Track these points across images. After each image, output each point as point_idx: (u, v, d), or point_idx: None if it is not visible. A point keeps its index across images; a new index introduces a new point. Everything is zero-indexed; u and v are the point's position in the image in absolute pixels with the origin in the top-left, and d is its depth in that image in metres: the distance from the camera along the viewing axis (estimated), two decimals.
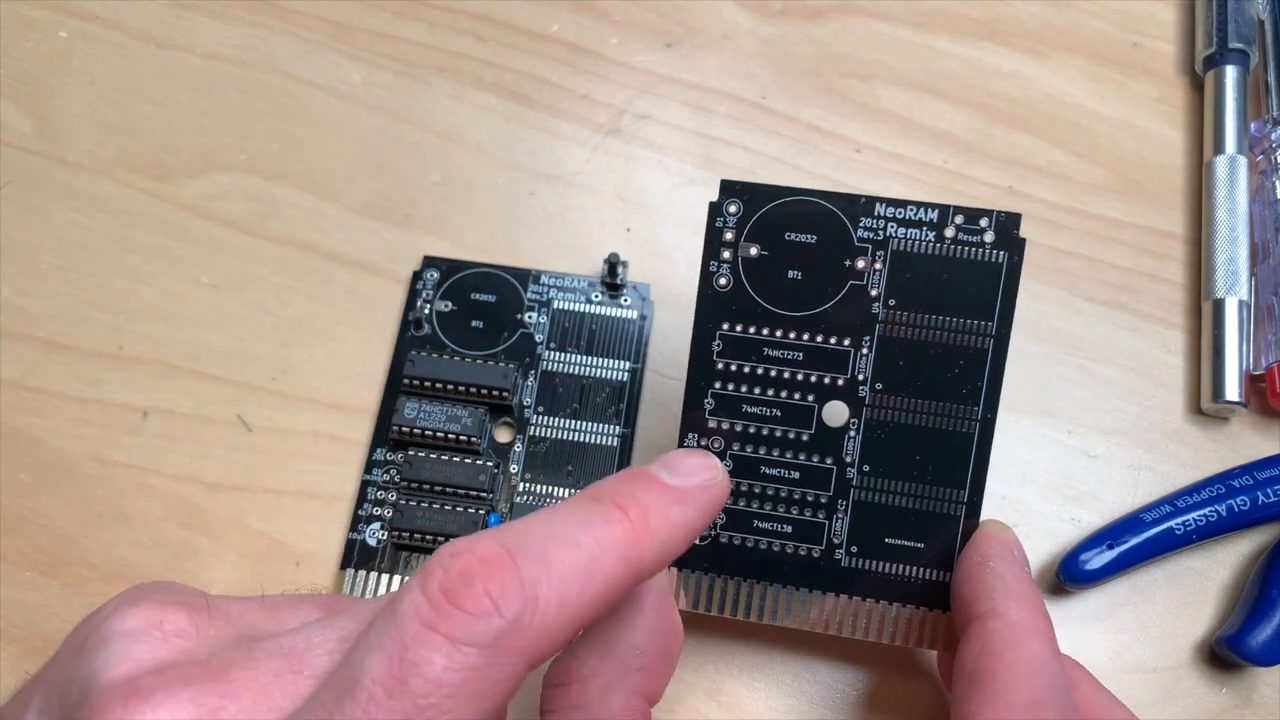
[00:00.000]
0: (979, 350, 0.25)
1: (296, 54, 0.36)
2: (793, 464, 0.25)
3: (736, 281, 0.25)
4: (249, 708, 0.17)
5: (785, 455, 0.25)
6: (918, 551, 0.25)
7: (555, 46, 0.36)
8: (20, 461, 0.31)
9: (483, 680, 0.17)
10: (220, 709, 0.17)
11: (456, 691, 0.16)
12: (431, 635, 0.16)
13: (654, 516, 0.20)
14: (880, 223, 0.25)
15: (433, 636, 0.16)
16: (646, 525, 0.20)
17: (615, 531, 0.19)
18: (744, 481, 0.26)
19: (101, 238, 0.33)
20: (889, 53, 0.37)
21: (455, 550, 0.17)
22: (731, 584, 0.26)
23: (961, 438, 0.25)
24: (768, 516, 0.26)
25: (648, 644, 0.22)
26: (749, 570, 0.26)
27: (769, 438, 0.25)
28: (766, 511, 0.26)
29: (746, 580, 0.26)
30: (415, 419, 0.30)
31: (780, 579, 0.26)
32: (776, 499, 0.26)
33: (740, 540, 0.26)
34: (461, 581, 0.17)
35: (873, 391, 0.25)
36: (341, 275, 0.33)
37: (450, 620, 0.17)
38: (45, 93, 0.36)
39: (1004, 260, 0.24)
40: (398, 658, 0.16)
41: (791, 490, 0.26)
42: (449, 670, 0.16)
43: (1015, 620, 0.23)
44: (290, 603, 0.21)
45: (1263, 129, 0.34)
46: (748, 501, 0.26)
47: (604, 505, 0.20)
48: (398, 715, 0.16)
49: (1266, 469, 0.29)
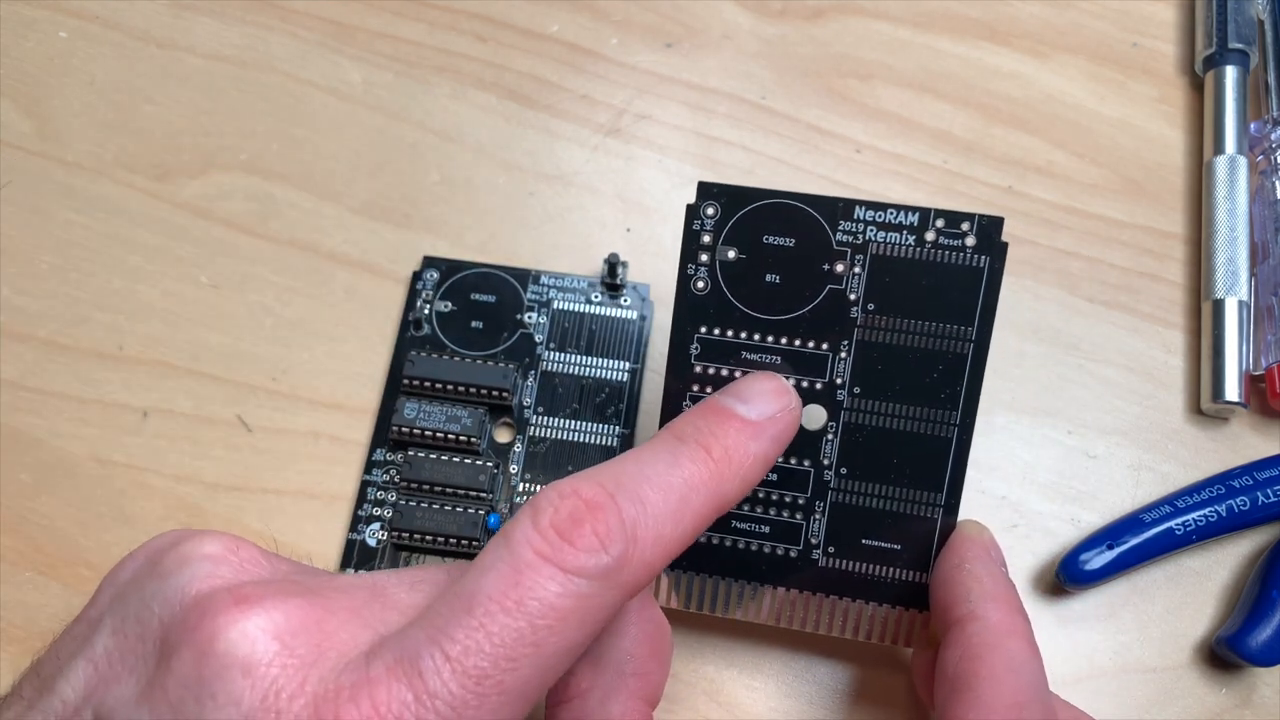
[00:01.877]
0: (958, 355, 0.25)
1: (296, 54, 0.36)
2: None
3: (714, 285, 0.25)
4: (346, 623, 0.18)
5: None
6: (895, 553, 0.25)
7: (555, 46, 0.36)
8: (20, 461, 0.31)
9: (589, 607, 0.18)
10: (323, 620, 0.18)
11: (567, 616, 0.18)
12: (546, 565, 0.18)
13: (735, 454, 0.21)
14: (860, 226, 0.24)
15: (547, 566, 0.18)
16: (728, 462, 0.21)
17: (701, 471, 0.21)
18: None
19: (101, 238, 0.33)
20: (889, 53, 0.37)
21: (562, 492, 0.19)
22: (710, 582, 0.26)
23: (939, 442, 0.25)
24: (745, 517, 0.26)
25: (637, 648, 0.22)
26: (727, 569, 0.26)
27: None
28: (744, 512, 0.26)
29: (725, 579, 0.26)
30: (415, 419, 0.30)
31: (758, 578, 0.26)
32: (754, 500, 0.26)
33: (719, 540, 0.26)
34: (571, 521, 0.18)
35: (851, 395, 0.25)
36: (341, 275, 0.33)
37: (563, 553, 0.18)
38: (45, 93, 0.36)
39: (985, 265, 0.24)
40: (514, 580, 0.18)
41: (769, 491, 0.26)
42: (561, 596, 0.18)
43: (994, 623, 0.23)
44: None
45: (1263, 129, 0.34)
46: None
47: (689, 446, 0.21)
48: (511, 631, 0.17)
49: (1266, 469, 0.29)
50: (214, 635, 0.17)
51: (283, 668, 0.17)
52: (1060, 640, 0.29)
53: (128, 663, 0.18)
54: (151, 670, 0.18)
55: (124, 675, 0.18)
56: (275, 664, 0.17)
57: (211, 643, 0.17)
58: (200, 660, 0.17)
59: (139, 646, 0.18)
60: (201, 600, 0.18)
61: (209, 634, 0.17)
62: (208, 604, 0.18)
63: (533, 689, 0.18)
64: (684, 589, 0.26)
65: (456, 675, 0.17)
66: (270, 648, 0.17)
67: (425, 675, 0.17)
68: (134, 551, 0.21)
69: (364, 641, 0.18)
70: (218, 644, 0.17)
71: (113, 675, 0.18)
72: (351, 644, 0.18)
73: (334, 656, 0.18)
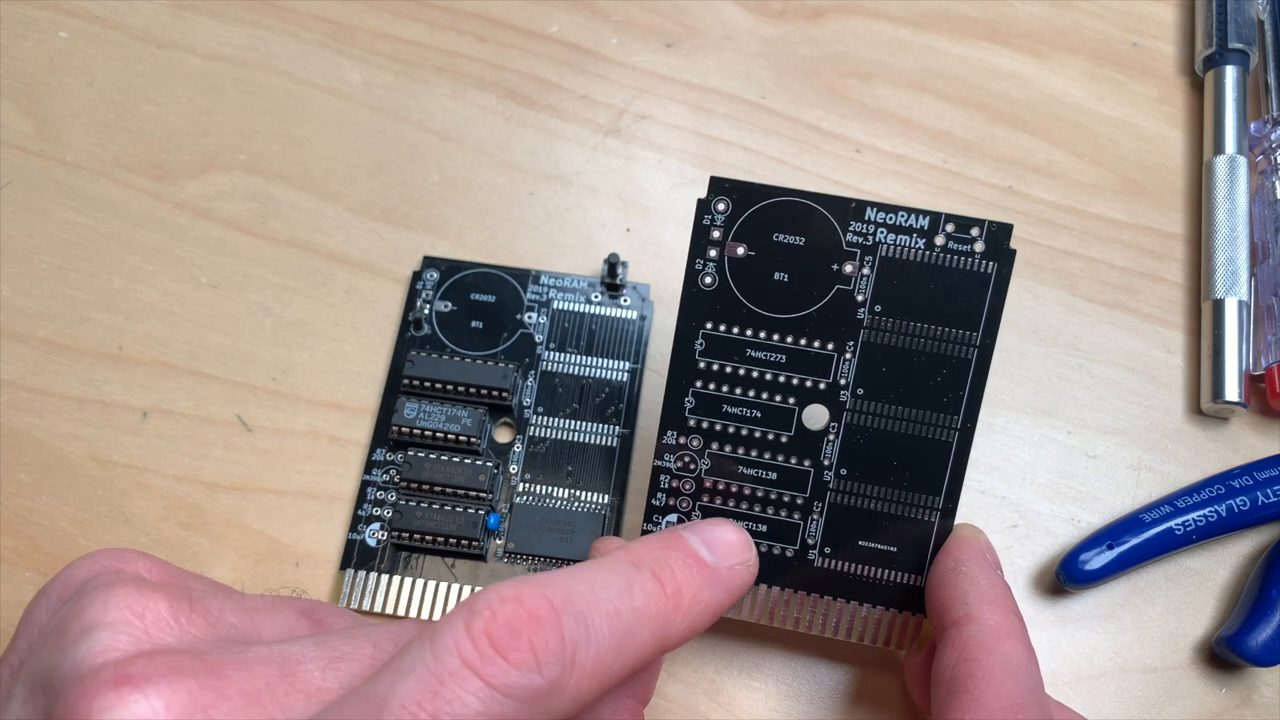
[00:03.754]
0: (963, 360, 0.25)
1: (296, 54, 0.36)
2: (771, 465, 0.25)
3: (722, 281, 0.25)
4: (240, 709, 0.17)
5: (764, 456, 0.25)
6: (891, 555, 0.25)
7: (555, 46, 0.36)
8: (20, 461, 0.31)
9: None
10: (212, 706, 0.17)
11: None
12: (471, 677, 0.17)
13: (688, 595, 0.21)
14: (870, 227, 0.24)
15: (472, 678, 0.17)
16: (680, 603, 0.20)
17: (652, 606, 0.20)
18: (721, 481, 0.26)
19: (101, 238, 0.33)
20: (889, 53, 0.37)
21: (503, 595, 0.17)
22: None
23: (940, 445, 0.25)
24: (744, 516, 0.26)
25: None
26: None
27: (748, 438, 0.25)
28: (743, 511, 0.26)
29: None
30: (415, 419, 0.30)
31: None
32: (753, 499, 0.26)
33: None
34: (508, 630, 0.17)
35: (854, 396, 0.25)
36: (341, 275, 0.33)
37: (492, 666, 0.17)
38: (45, 93, 0.36)
39: (993, 271, 0.24)
40: (433, 690, 0.16)
41: (768, 491, 0.26)
42: (482, 715, 0.16)
43: (990, 625, 0.23)
44: (269, 605, 0.21)
45: (1263, 129, 0.34)
46: (724, 501, 0.26)
47: (643, 574, 0.20)
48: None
49: (1266, 469, 0.29)
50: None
51: None
52: (1060, 640, 0.29)
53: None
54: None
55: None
56: None
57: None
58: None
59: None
60: (86, 678, 0.17)
61: (85, 718, 0.16)
62: (90, 683, 0.17)
63: None
64: None
65: None
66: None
67: None
68: (47, 587, 0.21)
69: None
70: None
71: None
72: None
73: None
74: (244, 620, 0.20)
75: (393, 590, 0.29)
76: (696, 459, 0.26)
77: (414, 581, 0.29)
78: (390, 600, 0.29)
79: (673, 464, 0.26)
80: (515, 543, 0.29)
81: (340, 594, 0.29)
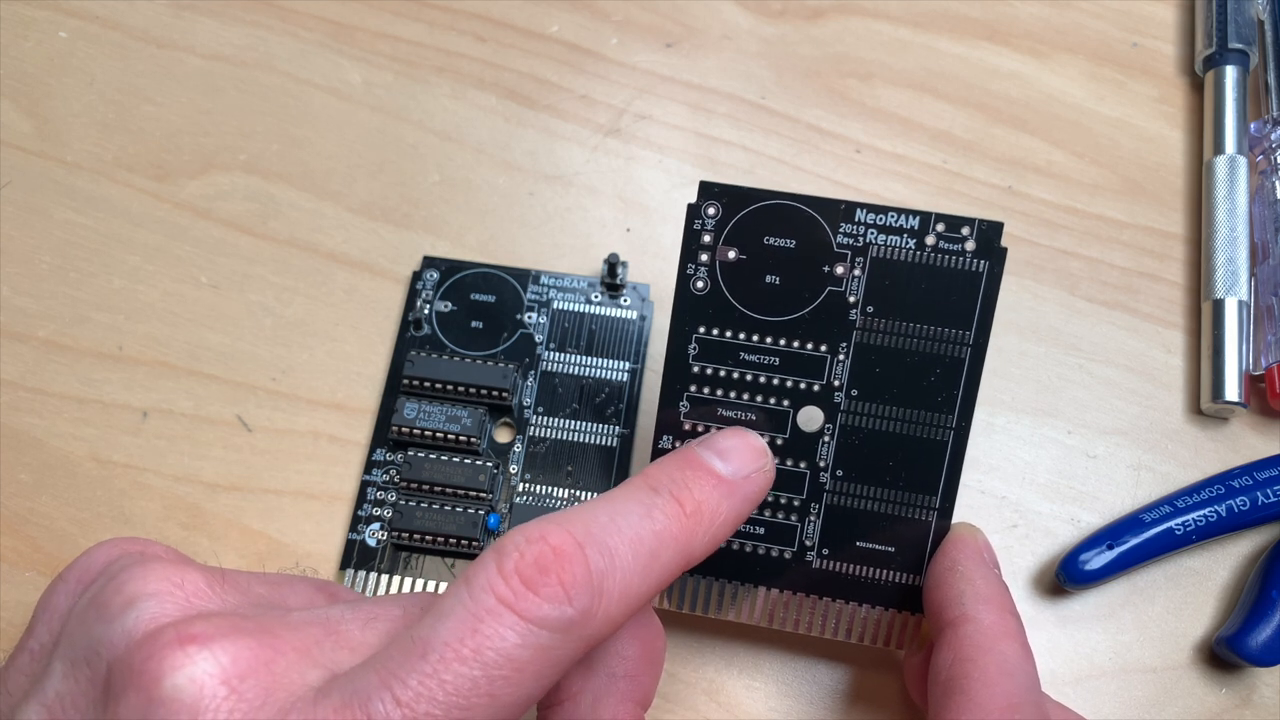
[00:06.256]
0: (956, 359, 0.25)
1: (296, 54, 0.36)
2: None
3: (714, 285, 0.25)
4: (295, 664, 0.18)
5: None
6: (889, 555, 0.25)
7: (555, 46, 0.36)
8: (20, 461, 0.31)
9: (548, 660, 0.18)
10: (272, 661, 0.18)
11: (524, 667, 0.17)
12: (507, 613, 0.17)
13: (707, 510, 0.21)
14: (860, 229, 0.25)
15: (508, 614, 0.17)
16: (700, 519, 0.21)
17: (673, 526, 0.20)
18: None
19: (101, 238, 0.33)
20: (889, 53, 0.37)
21: (529, 536, 0.18)
22: (703, 583, 0.26)
23: (935, 445, 0.25)
24: None
25: (630, 651, 0.22)
26: (721, 570, 0.26)
27: None
28: None
29: (718, 579, 0.26)
30: (415, 419, 0.30)
31: (751, 579, 0.26)
32: None
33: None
34: (537, 569, 0.18)
35: (848, 397, 0.25)
36: (341, 275, 0.33)
37: (526, 602, 0.18)
38: (45, 93, 0.36)
39: (984, 270, 0.24)
40: (473, 627, 0.17)
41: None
42: (520, 648, 0.17)
43: (986, 625, 0.23)
44: (289, 580, 0.22)
45: (1263, 129, 0.34)
46: None
47: (662, 497, 0.21)
48: (465, 680, 0.17)
49: (1266, 469, 0.29)
50: (159, 679, 0.17)
51: (229, 714, 0.17)
52: (1060, 640, 0.29)
53: (79, 707, 0.18)
54: (101, 715, 0.18)
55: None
56: (222, 710, 0.17)
57: (157, 686, 0.17)
58: (146, 705, 0.17)
59: (90, 691, 0.18)
60: (146, 641, 0.18)
61: (154, 677, 0.17)
62: (152, 645, 0.17)
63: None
64: (677, 590, 0.26)
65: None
66: (218, 692, 0.17)
67: (375, 718, 0.17)
68: (64, 573, 0.21)
69: (314, 681, 0.18)
70: (164, 688, 0.17)
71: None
72: (301, 684, 0.17)
73: (282, 698, 0.17)
74: (271, 591, 0.21)
75: (393, 590, 0.29)
76: None
77: (414, 582, 0.29)
78: None
79: None
80: None
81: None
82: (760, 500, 0.23)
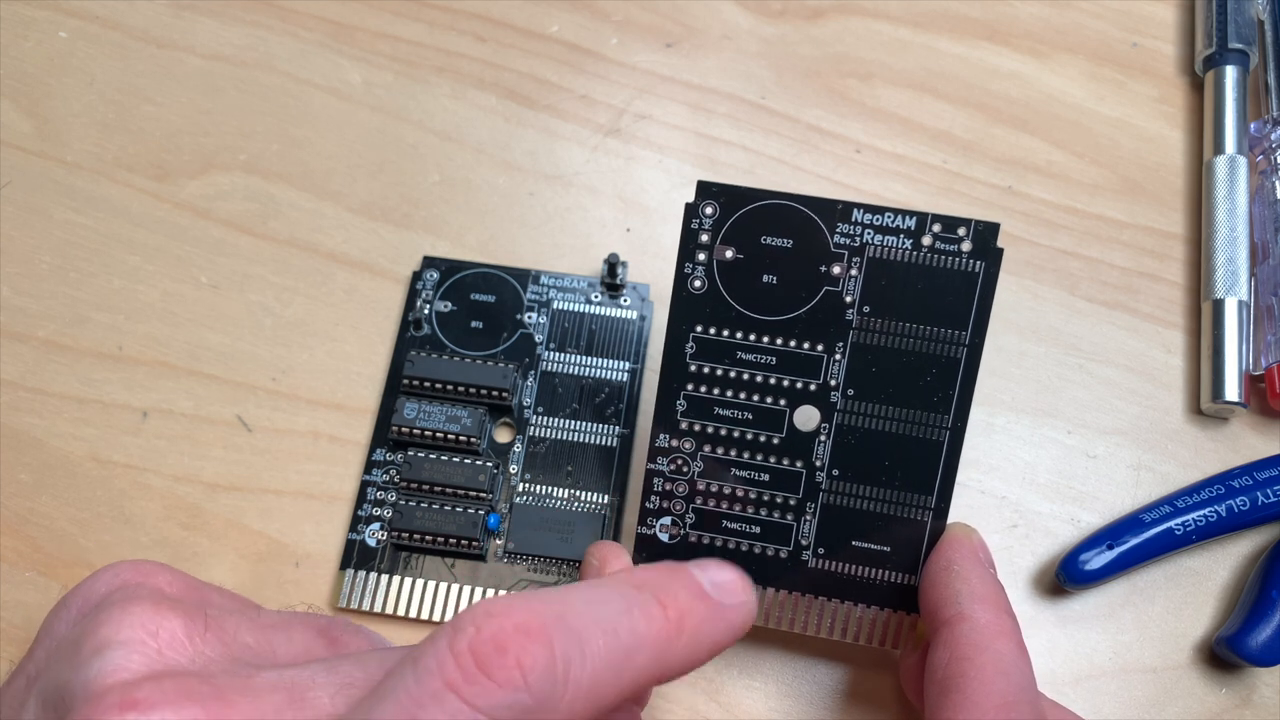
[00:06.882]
0: (952, 359, 0.25)
1: (296, 54, 0.36)
2: (763, 466, 0.26)
3: (711, 284, 0.25)
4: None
5: (756, 458, 0.26)
6: (884, 555, 0.25)
7: (555, 46, 0.36)
8: (20, 461, 0.31)
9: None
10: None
11: None
12: (451, 697, 0.16)
13: (690, 623, 0.19)
14: (857, 229, 0.25)
15: (452, 699, 0.16)
16: (682, 629, 0.19)
17: (654, 629, 0.19)
18: (714, 483, 0.26)
19: (101, 238, 0.33)
20: (889, 53, 0.37)
21: (491, 611, 0.17)
22: None
23: (931, 445, 0.25)
24: (737, 517, 0.26)
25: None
26: None
27: (740, 440, 0.26)
28: (736, 512, 0.26)
29: None
30: (415, 419, 0.30)
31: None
32: (746, 500, 0.26)
33: (709, 540, 0.26)
34: (494, 647, 0.16)
35: (844, 397, 0.25)
36: (341, 275, 0.33)
37: (474, 686, 0.16)
38: (45, 93, 0.36)
39: (980, 270, 0.24)
40: (411, 715, 0.16)
41: (761, 492, 0.26)
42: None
43: (982, 624, 0.23)
44: (286, 623, 0.21)
45: (1263, 129, 0.34)
46: (717, 502, 0.26)
47: (645, 597, 0.19)
48: None
49: (1266, 469, 0.29)
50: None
51: None
52: (1060, 640, 0.29)
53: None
54: None
55: None
56: None
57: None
58: None
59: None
60: (95, 699, 0.17)
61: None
62: (98, 705, 0.17)
63: None
64: None
65: None
66: None
67: None
68: (68, 598, 0.21)
69: None
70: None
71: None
72: None
73: None
74: (259, 639, 0.20)
75: (393, 590, 0.29)
76: (689, 461, 0.26)
77: (414, 581, 0.29)
78: (390, 601, 0.29)
79: (665, 467, 0.26)
80: (515, 543, 0.29)
81: (340, 594, 0.29)
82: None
